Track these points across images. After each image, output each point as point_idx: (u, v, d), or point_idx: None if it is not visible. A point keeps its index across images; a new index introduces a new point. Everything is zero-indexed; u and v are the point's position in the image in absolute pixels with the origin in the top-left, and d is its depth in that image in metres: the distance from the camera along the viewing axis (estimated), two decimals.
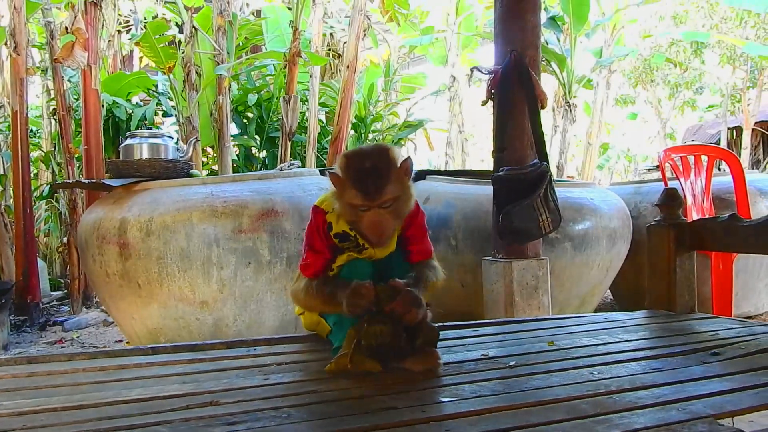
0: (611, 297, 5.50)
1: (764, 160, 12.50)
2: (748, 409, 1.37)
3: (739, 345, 1.86)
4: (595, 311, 4.69)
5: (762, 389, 1.47)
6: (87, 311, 5.63)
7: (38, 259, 5.76)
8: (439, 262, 1.94)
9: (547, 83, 7.73)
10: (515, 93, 3.50)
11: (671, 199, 2.39)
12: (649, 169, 13.52)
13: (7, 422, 1.35)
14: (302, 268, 1.87)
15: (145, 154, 3.76)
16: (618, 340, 1.96)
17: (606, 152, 14.24)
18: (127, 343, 4.39)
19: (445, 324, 2.17)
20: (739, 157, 11.37)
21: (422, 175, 4.74)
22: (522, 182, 3.36)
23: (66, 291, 6.07)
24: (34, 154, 7.15)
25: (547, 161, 3.47)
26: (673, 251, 2.34)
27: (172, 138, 4.02)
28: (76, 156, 5.90)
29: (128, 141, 3.83)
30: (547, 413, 1.35)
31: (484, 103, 3.72)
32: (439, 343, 1.74)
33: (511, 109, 3.51)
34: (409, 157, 1.78)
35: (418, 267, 1.82)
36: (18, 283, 5.27)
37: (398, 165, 1.74)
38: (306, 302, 1.90)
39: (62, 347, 4.75)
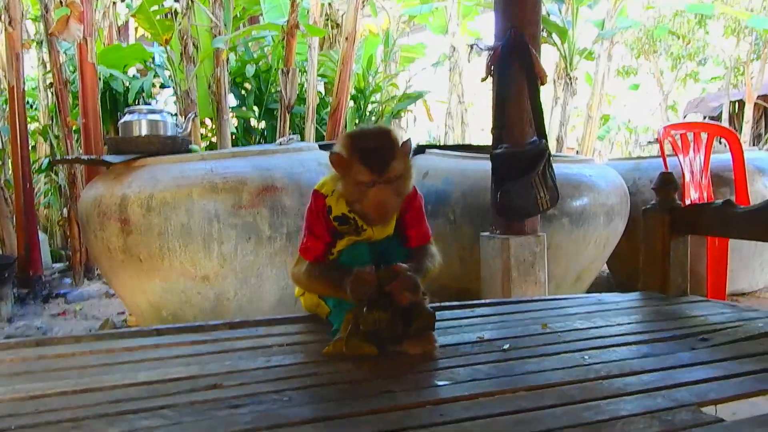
0: (608, 271, 5.55)
1: (766, 134, 12.48)
2: (730, 398, 1.42)
3: (727, 331, 1.91)
4: (592, 286, 4.76)
5: (745, 378, 1.52)
6: (89, 283, 5.70)
7: (39, 231, 5.81)
8: (437, 238, 1.99)
9: (548, 55, 7.70)
10: (515, 70, 3.51)
11: (666, 183, 2.42)
12: (649, 142, 13.53)
13: (20, 406, 1.40)
14: (303, 252, 1.91)
15: (144, 131, 3.77)
16: (610, 323, 2.01)
17: (607, 123, 14.20)
18: (130, 315, 4.46)
19: (442, 304, 2.22)
20: (741, 131, 11.38)
21: (421, 149, 4.76)
22: (520, 160, 3.40)
23: (68, 263, 6.12)
24: (32, 126, 7.13)
25: (546, 139, 3.50)
26: (667, 235, 2.38)
27: (171, 114, 4.03)
28: (73, 129, 5.91)
29: (127, 117, 3.84)
30: (537, 399, 1.40)
31: (484, 79, 3.73)
32: (436, 324, 1.79)
33: (511, 86, 3.53)
34: (409, 139, 1.83)
35: (417, 254, 1.86)
36: (20, 256, 5.33)
37: (399, 144, 1.80)
38: (308, 286, 1.95)
39: (65, 319, 4.82)
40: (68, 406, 1.39)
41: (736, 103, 12.55)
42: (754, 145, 12.04)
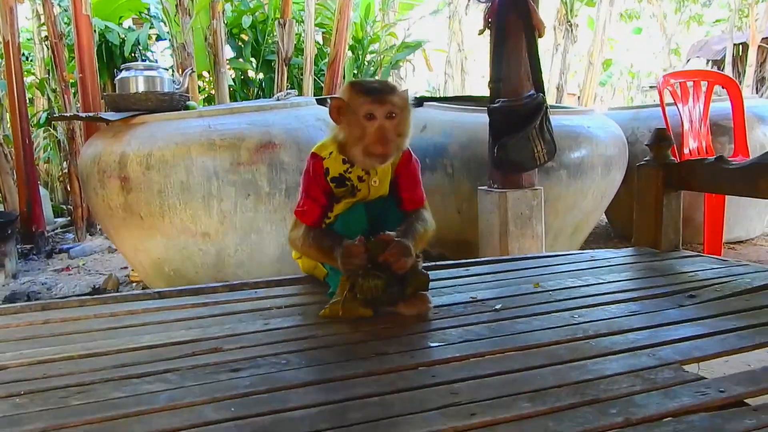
0: (606, 220, 5.60)
1: None
2: (712, 355, 1.47)
3: (715, 287, 1.95)
4: (590, 236, 4.82)
5: (728, 335, 1.57)
6: (91, 238, 5.76)
7: (40, 187, 5.84)
8: (435, 191, 2.03)
9: (549, 1, 7.59)
10: (512, 22, 3.48)
11: (661, 140, 2.43)
12: (651, 87, 13.40)
13: (29, 370, 1.46)
14: (299, 215, 1.94)
15: (141, 87, 3.77)
16: (601, 281, 2.05)
17: (609, 68, 14.05)
18: (133, 271, 4.52)
19: (437, 263, 2.27)
20: (744, 74, 11.26)
21: (420, 102, 4.75)
22: (518, 114, 3.39)
23: (70, 218, 6.17)
24: (28, 79, 7.10)
25: (544, 92, 3.49)
26: (661, 191, 2.40)
27: (167, 69, 4.01)
28: (70, 82, 5.88)
29: (123, 74, 3.83)
30: (527, 359, 1.45)
31: (481, 32, 3.70)
32: (431, 284, 1.84)
33: (508, 38, 3.50)
34: (407, 89, 1.89)
35: (407, 218, 1.89)
36: (22, 213, 5.38)
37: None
38: (303, 250, 1.98)
39: (69, 274, 4.89)
40: (75, 371, 1.45)
41: (740, 46, 12.39)
42: (757, 89, 11.94)
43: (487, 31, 3.65)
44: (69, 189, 6.12)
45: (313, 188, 1.91)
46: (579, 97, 9.67)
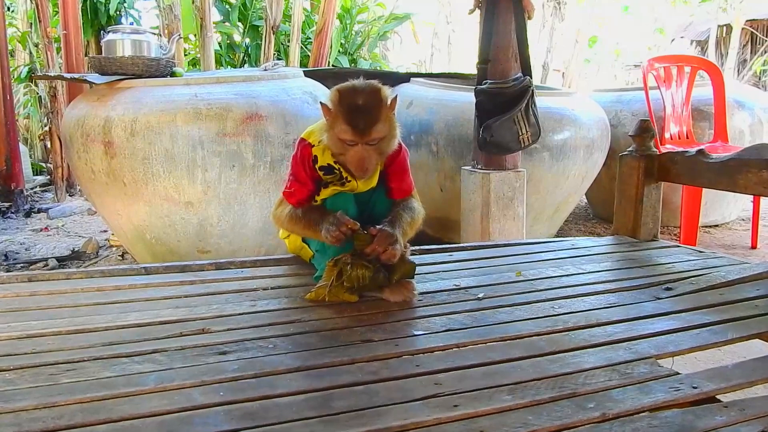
0: (586, 201, 5.67)
1: (751, 59, 12.45)
2: (687, 350, 1.53)
3: (690, 280, 2.01)
4: (570, 216, 4.88)
5: (702, 329, 1.63)
6: (71, 199, 5.72)
7: (20, 144, 5.76)
8: (420, 168, 2.04)
9: None
10: (502, 3, 3.48)
11: (644, 131, 2.47)
12: (635, 65, 13.44)
13: (17, 345, 1.48)
14: (286, 196, 1.95)
15: (128, 51, 3.71)
16: (581, 271, 2.10)
17: (594, 45, 14.05)
18: (112, 235, 4.51)
19: (422, 248, 2.30)
20: (727, 56, 11.34)
21: (406, 78, 4.74)
22: (504, 96, 3.41)
23: (49, 177, 6.11)
24: (9, 31, 6.94)
25: (531, 75, 3.51)
26: (641, 181, 2.45)
27: (155, 34, 3.95)
28: (53, 37, 5.76)
29: (110, 36, 3.76)
30: (507, 350, 1.50)
31: (471, 11, 3.69)
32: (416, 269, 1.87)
33: (498, 20, 3.50)
34: (396, 96, 1.84)
35: (395, 207, 1.91)
36: (0, 170, 5.31)
37: (388, 104, 1.81)
38: (289, 226, 1.98)
39: (48, 235, 4.86)
40: (63, 347, 1.47)
41: (724, 28, 12.45)
42: (739, 71, 12.04)
43: (477, 11, 3.64)
44: (50, 147, 6.04)
45: (301, 173, 1.91)
46: (563, 74, 9.70)
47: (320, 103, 1.83)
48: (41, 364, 1.39)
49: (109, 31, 3.83)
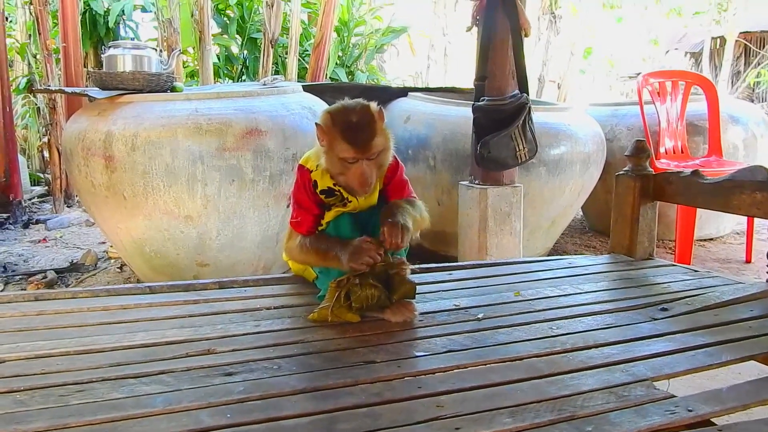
0: (582, 214, 5.71)
1: (745, 71, 12.56)
2: (682, 372, 1.56)
3: (686, 300, 2.05)
4: (566, 229, 4.92)
5: (697, 351, 1.66)
6: (69, 210, 5.73)
7: (18, 155, 5.78)
8: (417, 183, 2.06)
9: None
10: (499, 21, 3.53)
11: (640, 151, 2.51)
12: (630, 77, 13.53)
13: (27, 365, 1.50)
14: (294, 226, 1.98)
15: (129, 67, 3.75)
16: (578, 290, 2.14)
17: (589, 56, 14.15)
18: (111, 247, 4.53)
19: (421, 266, 2.33)
20: (721, 68, 11.44)
21: (404, 92, 4.78)
22: (501, 113, 3.46)
23: (47, 188, 6.13)
24: (8, 42, 6.97)
25: (528, 92, 3.55)
26: (637, 201, 2.50)
27: (156, 49, 3.99)
28: (53, 48, 5.80)
29: (111, 51, 3.80)
30: (507, 372, 1.53)
31: (469, 29, 3.74)
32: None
33: (494, 37, 3.55)
34: (381, 107, 1.87)
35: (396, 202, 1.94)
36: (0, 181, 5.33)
37: (378, 117, 1.85)
38: (302, 258, 2.02)
39: (46, 246, 4.88)
40: (71, 368, 1.50)
41: (718, 40, 12.57)
42: (732, 83, 12.14)
43: (474, 29, 3.69)
44: (48, 159, 6.06)
45: (304, 199, 1.95)
46: (559, 85, 9.76)
47: (315, 124, 1.87)
48: (51, 385, 1.41)
49: (110, 47, 3.87)
